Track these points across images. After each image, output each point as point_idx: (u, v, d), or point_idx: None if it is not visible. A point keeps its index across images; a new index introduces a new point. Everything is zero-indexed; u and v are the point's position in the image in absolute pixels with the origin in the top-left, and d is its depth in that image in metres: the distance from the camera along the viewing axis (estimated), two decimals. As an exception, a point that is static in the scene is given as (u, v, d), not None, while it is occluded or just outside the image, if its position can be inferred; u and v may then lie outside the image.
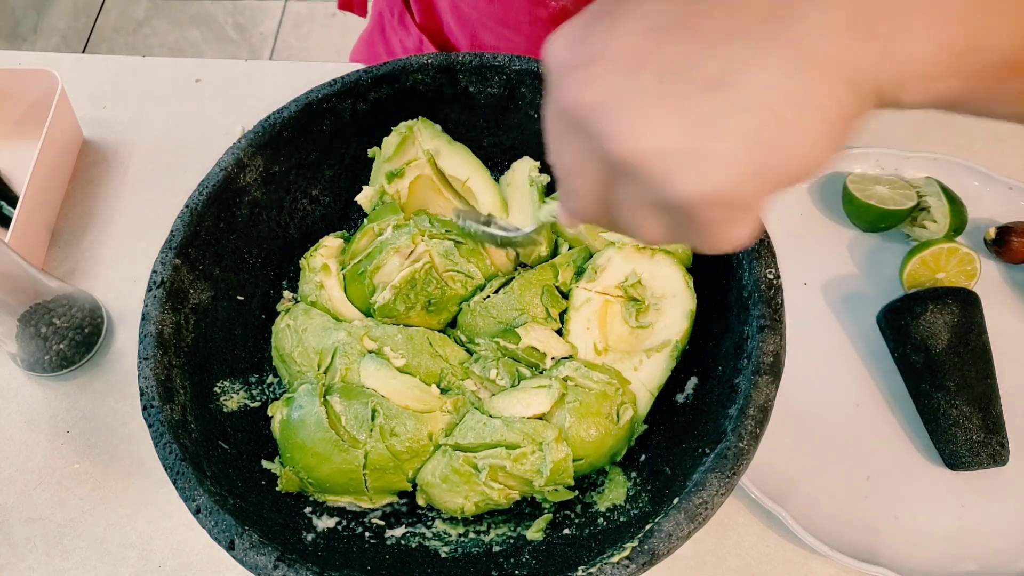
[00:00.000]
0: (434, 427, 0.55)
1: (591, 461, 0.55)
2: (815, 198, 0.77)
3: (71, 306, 0.69)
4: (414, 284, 0.59)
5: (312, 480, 0.54)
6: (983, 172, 0.75)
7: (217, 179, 0.59)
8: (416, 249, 0.60)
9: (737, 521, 0.63)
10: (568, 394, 0.55)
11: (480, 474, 0.53)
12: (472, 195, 0.65)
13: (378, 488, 0.55)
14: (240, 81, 0.87)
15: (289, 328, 0.60)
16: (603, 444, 0.55)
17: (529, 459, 0.53)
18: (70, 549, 0.63)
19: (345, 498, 0.56)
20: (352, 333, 0.58)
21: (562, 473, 0.54)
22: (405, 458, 0.54)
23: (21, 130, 0.84)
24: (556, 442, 0.53)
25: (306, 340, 0.59)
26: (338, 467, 0.53)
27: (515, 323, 0.59)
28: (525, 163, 0.66)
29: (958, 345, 0.65)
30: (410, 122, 0.64)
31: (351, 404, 0.54)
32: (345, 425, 0.54)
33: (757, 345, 0.50)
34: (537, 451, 0.53)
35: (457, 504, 0.54)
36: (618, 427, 0.55)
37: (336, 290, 0.62)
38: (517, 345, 0.58)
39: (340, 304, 0.61)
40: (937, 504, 0.63)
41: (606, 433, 0.55)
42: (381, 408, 0.54)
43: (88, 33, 2.25)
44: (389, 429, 0.54)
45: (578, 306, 0.59)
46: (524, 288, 0.59)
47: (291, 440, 0.55)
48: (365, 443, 0.53)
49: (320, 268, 0.62)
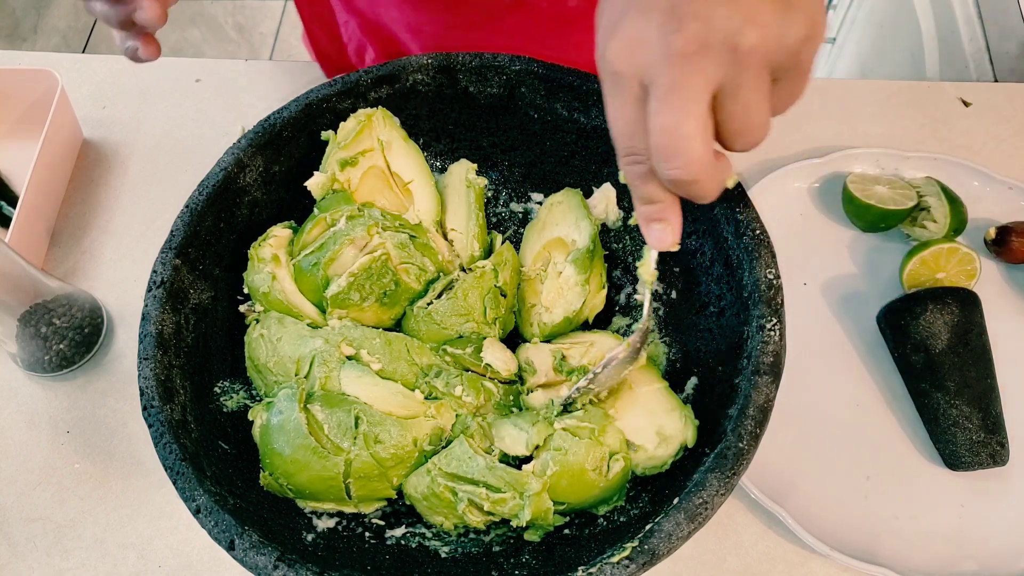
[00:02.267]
0: (419, 433, 0.54)
1: (572, 507, 0.54)
2: (815, 198, 0.77)
3: (71, 306, 0.69)
4: (370, 275, 0.58)
5: (292, 486, 0.53)
6: (983, 172, 0.75)
7: (217, 179, 0.59)
8: (371, 241, 0.59)
9: (737, 521, 0.63)
10: (555, 440, 0.53)
11: (459, 504, 0.52)
12: (411, 198, 0.64)
13: (363, 496, 0.54)
14: (240, 81, 0.87)
15: (263, 338, 0.58)
16: (586, 494, 0.53)
17: (509, 504, 0.51)
18: (70, 549, 0.63)
19: (327, 504, 0.55)
20: (329, 340, 0.57)
21: (543, 518, 0.52)
22: (390, 465, 0.53)
23: (21, 130, 0.84)
24: (538, 495, 0.51)
25: (281, 349, 0.57)
26: (317, 474, 0.52)
27: (461, 330, 0.59)
28: (462, 165, 0.66)
29: (958, 345, 0.65)
30: (370, 110, 0.63)
31: (333, 412, 0.53)
32: (328, 433, 0.52)
33: (757, 345, 0.50)
34: (518, 498, 0.51)
35: (437, 521, 0.54)
36: (607, 480, 0.53)
37: (288, 282, 0.60)
38: (464, 351, 0.58)
39: (293, 296, 0.60)
40: (937, 504, 0.63)
41: (590, 485, 0.52)
42: (364, 415, 0.53)
43: (88, 33, 2.25)
44: (373, 436, 0.52)
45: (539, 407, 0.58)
46: (466, 293, 0.59)
47: (270, 446, 0.53)
48: (349, 451, 0.52)
49: (271, 259, 0.60)
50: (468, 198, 0.65)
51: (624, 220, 0.67)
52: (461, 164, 0.66)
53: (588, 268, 0.60)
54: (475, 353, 0.58)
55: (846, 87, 0.84)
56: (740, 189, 0.56)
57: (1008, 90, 0.84)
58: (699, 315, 0.60)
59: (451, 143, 0.70)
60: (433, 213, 0.65)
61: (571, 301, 0.60)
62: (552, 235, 0.63)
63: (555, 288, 0.61)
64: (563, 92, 0.63)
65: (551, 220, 0.64)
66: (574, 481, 0.52)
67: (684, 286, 0.62)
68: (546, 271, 0.62)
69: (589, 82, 0.62)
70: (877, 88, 0.84)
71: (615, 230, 0.67)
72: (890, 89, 0.84)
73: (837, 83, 0.85)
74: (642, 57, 0.39)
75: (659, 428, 0.55)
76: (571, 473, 0.52)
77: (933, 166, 0.76)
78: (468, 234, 0.64)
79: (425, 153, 0.67)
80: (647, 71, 0.39)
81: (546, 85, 0.63)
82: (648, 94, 0.39)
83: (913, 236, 0.73)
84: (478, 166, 0.67)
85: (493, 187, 0.70)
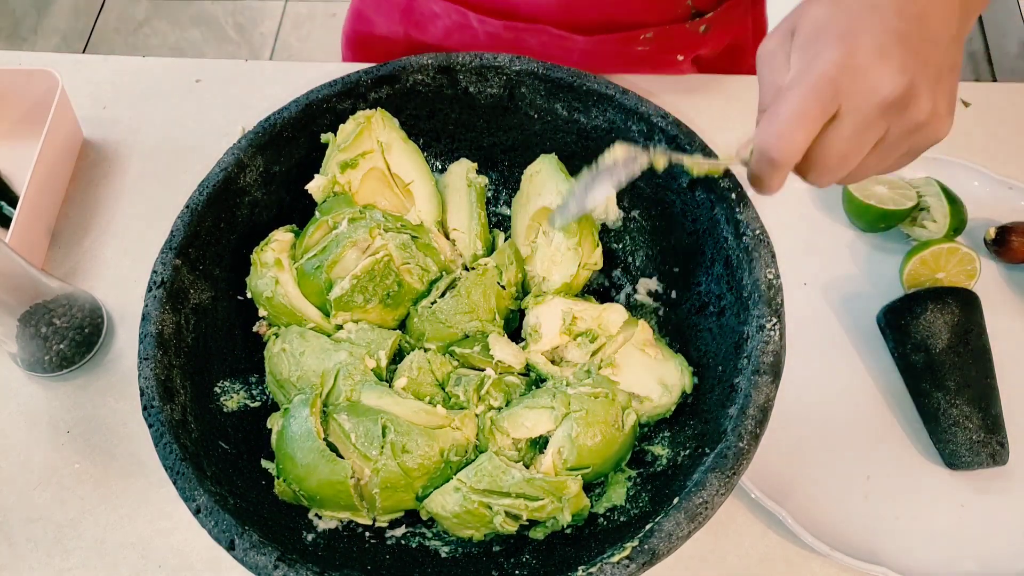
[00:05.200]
0: (444, 443, 0.54)
1: (597, 470, 0.55)
2: (815, 198, 0.77)
3: (71, 306, 0.69)
4: (373, 276, 0.58)
5: (304, 492, 0.53)
6: (983, 172, 0.75)
7: (217, 179, 0.59)
8: (373, 243, 0.59)
9: (737, 521, 0.63)
10: (573, 404, 0.54)
11: (495, 517, 0.52)
12: (412, 199, 0.64)
13: (388, 507, 0.54)
14: (240, 81, 0.87)
15: (285, 353, 0.58)
16: (609, 451, 0.55)
17: (547, 508, 0.52)
18: (70, 549, 0.63)
19: (342, 514, 0.54)
20: (354, 353, 0.57)
21: (579, 515, 0.54)
22: (416, 475, 0.53)
23: (21, 130, 0.84)
24: (577, 497, 0.53)
25: (305, 363, 0.57)
26: (326, 479, 0.52)
27: (467, 329, 0.59)
28: (462, 165, 0.66)
29: (958, 345, 0.65)
30: (369, 112, 0.63)
31: (360, 421, 0.53)
32: (355, 443, 0.52)
33: (757, 345, 0.50)
34: (556, 503, 0.52)
35: (466, 534, 0.54)
36: (623, 433, 0.55)
37: (292, 286, 0.60)
38: (473, 350, 0.58)
39: (297, 300, 0.60)
40: (937, 504, 0.63)
41: (612, 440, 0.54)
42: (392, 424, 0.53)
43: (88, 33, 2.25)
44: (401, 445, 0.52)
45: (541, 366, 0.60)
46: (470, 291, 0.59)
47: (284, 451, 0.54)
48: (376, 460, 0.52)
49: (273, 263, 0.60)
50: (469, 197, 0.65)
51: (624, 220, 0.67)
52: (461, 163, 0.66)
53: (577, 231, 0.61)
54: (484, 351, 0.58)
55: (846, 87, 0.84)
56: (740, 189, 0.56)
57: (1008, 90, 0.84)
58: (699, 315, 0.60)
59: (451, 143, 0.70)
60: (434, 213, 0.65)
61: (566, 267, 0.61)
62: (537, 205, 0.63)
63: (548, 256, 0.62)
64: (563, 92, 0.63)
65: (533, 191, 0.64)
66: (597, 438, 0.54)
67: (684, 286, 0.62)
68: (536, 241, 0.63)
69: (589, 82, 0.62)
70: (877, 88, 0.84)
71: (615, 230, 0.67)
72: (890, 89, 0.84)
73: (837, 83, 0.85)
74: (806, 53, 0.46)
75: (660, 378, 0.57)
76: (593, 431, 0.54)
77: (933, 166, 0.76)
78: (471, 233, 0.64)
79: (425, 153, 0.67)
80: (802, 59, 0.46)
81: (546, 85, 0.63)
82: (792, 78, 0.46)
83: (913, 236, 0.73)
84: (478, 166, 0.67)
85: (493, 187, 0.70)
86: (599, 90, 0.62)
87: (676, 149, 0.59)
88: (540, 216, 0.63)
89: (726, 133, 0.79)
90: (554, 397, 0.55)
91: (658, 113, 0.60)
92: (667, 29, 0.81)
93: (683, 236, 0.62)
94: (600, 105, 0.63)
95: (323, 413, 0.55)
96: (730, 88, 0.83)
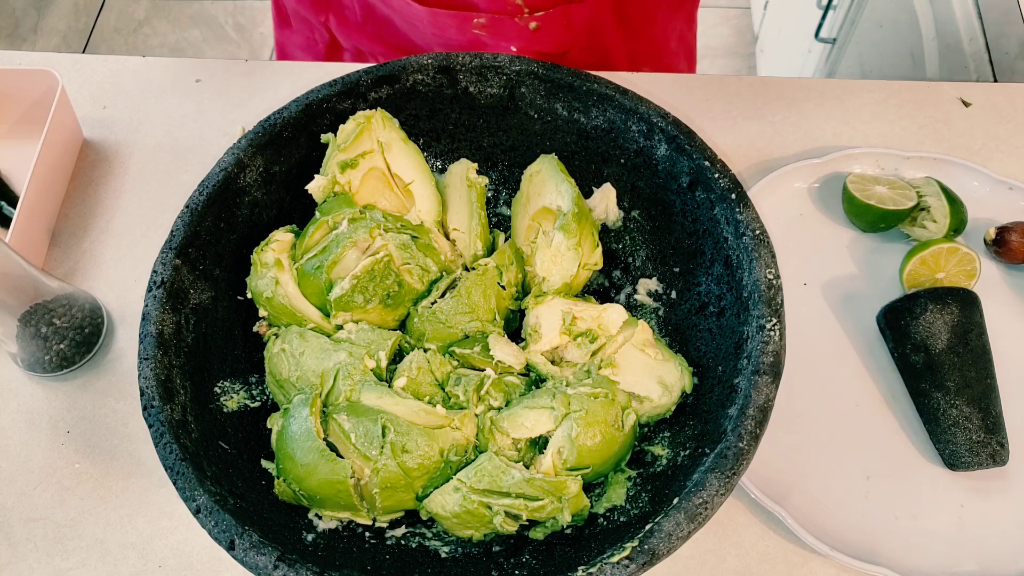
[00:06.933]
0: (444, 443, 0.54)
1: (597, 470, 0.55)
2: (815, 198, 0.77)
3: (71, 306, 0.69)
4: (373, 276, 0.58)
5: (304, 492, 0.53)
6: (983, 172, 0.75)
7: (217, 179, 0.59)
8: (373, 243, 0.59)
9: (737, 521, 0.63)
10: (573, 404, 0.54)
11: (495, 517, 0.52)
12: (412, 199, 0.64)
13: (387, 507, 0.54)
14: (240, 81, 0.87)
15: (284, 353, 0.58)
16: (609, 451, 0.55)
17: (547, 509, 0.52)
18: (70, 549, 0.63)
19: (342, 514, 0.55)
20: (353, 353, 0.57)
21: (579, 515, 0.54)
22: (416, 475, 0.53)
23: (21, 130, 0.84)
24: (577, 498, 0.53)
25: (304, 364, 0.57)
26: (326, 479, 0.52)
27: (467, 329, 0.59)
28: (462, 165, 0.66)
29: (958, 345, 0.65)
30: (369, 112, 0.63)
31: (360, 421, 0.53)
32: (355, 443, 0.52)
33: (757, 345, 0.51)
34: (556, 503, 0.52)
35: (466, 534, 0.54)
36: (623, 433, 0.55)
37: (292, 286, 0.60)
38: (473, 351, 0.58)
39: (297, 301, 0.60)
40: (937, 504, 0.63)
41: (611, 440, 0.54)
42: (392, 424, 0.53)
43: (88, 33, 2.25)
44: (400, 445, 0.52)
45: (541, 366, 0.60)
46: (470, 291, 0.59)
47: (284, 450, 0.54)
48: (376, 460, 0.52)
49: (273, 263, 0.60)
50: (470, 197, 0.65)
51: (624, 220, 0.67)
52: (461, 163, 0.66)
53: (577, 232, 0.61)
54: (484, 351, 0.58)
55: (846, 87, 0.84)
56: (740, 189, 0.56)
57: (1008, 90, 0.84)
58: (699, 315, 0.60)
59: (451, 143, 0.70)
60: (434, 213, 0.65)
61: (566, 267, 0.61)
62: (537, 206, 0.63)
63: (549, 257, 0.62)
64: (563, 92, 0.63)
65: (533, 191, 0.64)
66: (596, 438, 0.54)
67: (684, 286, 0.62)
68: (536, 242, 0.63)
69: (589, 82, 0.62)
70: (877, 88, 0.84)
71: (615, 230, 0.67)
72: (890, 89, 0.84)
73: (837, 83, 0.85)
74: None
75: (660, 378, 0.57)
76: (593, 431, 0.54)
77: (933, 166, 0.76)
78: (471, 233, 0.64)
79: (425, 153, 0.67)
80: None
81: (546, 85, 0.63)
82: None
83: (913, 236, 0.73)
84: (478, 166, 0.67)
85: (493, 187, 0.70)
86: (599, 90, 0.62)
87: (676, 149, 0.59)
88: (540, 216, 0.63)
89: (726, 133, 0.80)
90: (554, 397, 0.55)
91: (658, 113, 0.60)
92: (499, 19, 0.81)
93: (683, 236, 0.62)
94: (600, 105, 0.63)
95: (323, 413, 0.55)
96: (730, 88, 0.83)
